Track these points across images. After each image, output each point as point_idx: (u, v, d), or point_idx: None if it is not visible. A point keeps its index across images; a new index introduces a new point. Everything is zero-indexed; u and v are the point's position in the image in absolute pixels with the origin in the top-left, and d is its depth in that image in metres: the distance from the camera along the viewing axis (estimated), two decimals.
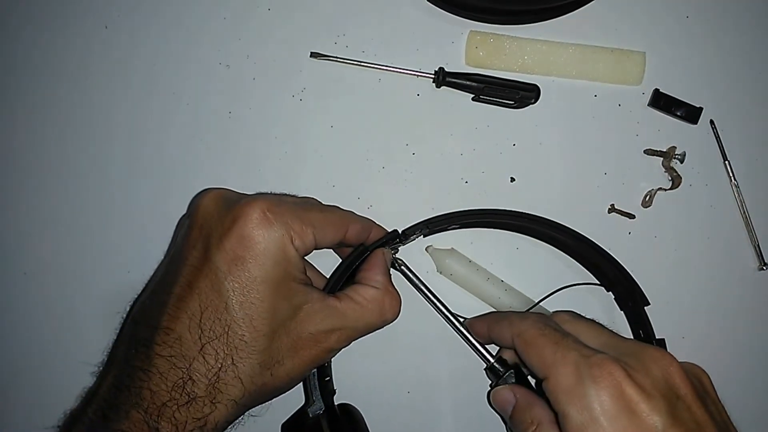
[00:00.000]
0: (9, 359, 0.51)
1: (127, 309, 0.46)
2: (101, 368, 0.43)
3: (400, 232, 0.46)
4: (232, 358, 0.36)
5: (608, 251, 0.47)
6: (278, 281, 0.37)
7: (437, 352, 0.50)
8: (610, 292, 0.49)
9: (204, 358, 0.36)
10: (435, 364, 0.50)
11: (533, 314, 0.42)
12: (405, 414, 0.50)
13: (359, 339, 0.41)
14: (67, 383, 0.46)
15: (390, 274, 0.43)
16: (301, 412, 0.44)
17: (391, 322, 0.42)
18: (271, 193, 0.49)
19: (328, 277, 0.44)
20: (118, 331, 0.47)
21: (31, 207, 0.52)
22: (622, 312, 0.49)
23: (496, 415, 0.49)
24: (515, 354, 0.41)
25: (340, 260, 0.45)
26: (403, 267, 0.46)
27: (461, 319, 0.46)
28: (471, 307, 0.49)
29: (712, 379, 0.39)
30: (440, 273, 0.50)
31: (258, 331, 0.37)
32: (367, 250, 0.44)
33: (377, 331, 0.42)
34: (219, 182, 0.51)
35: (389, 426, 0.48)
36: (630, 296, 0.48)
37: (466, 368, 0.49)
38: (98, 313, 0.50)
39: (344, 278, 0.43)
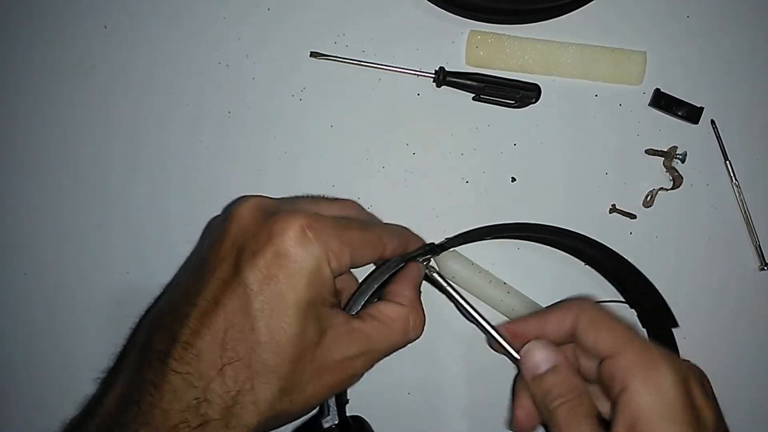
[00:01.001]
0: (9, 359, 0.51)
1: (143, 313, 0.44)
2: (107, 374, 0.42)
3: (435, 244, 0.45)
4: (253, 383, 0.34)
5: (638, 269, 0.47)
6: (309, 304, 0.35)
7: (437, 352, 0.50)
8: (633, 309, 0.49)
9: (223, 379, 0.33)
10: (435, 365, 0.50)
11: (583, 299, 0.41)
12: (405, 415, 0.50)
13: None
14: (68, 383, 0.46)
15: (420, 291, 0.41)
16: (314, 423, 0.42)
17: (414, 341, 0.40)
18: (307, 197, 0.47)
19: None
20: (129, 335, 0.45)
21: (31, 207, 0.52)
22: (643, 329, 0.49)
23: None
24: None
25: None
26: (435, 274, 0.43)
27: (495, 327, 0.42)
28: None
29: (713, 379, 0.39)
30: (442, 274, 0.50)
31: (283, 356, 0.34)
32: (399, 263, 0.42)
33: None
34: (218, 182, 0.51)
35: (390, 427, 0.48)
36: (657, 316, 0.47)
37: (467, 369, 0.49)
38: (98, 314, 0.50)
39: (372, 297, 0.41)
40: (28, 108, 0.52)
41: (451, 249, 0.50)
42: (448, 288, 0.42)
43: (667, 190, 0.51)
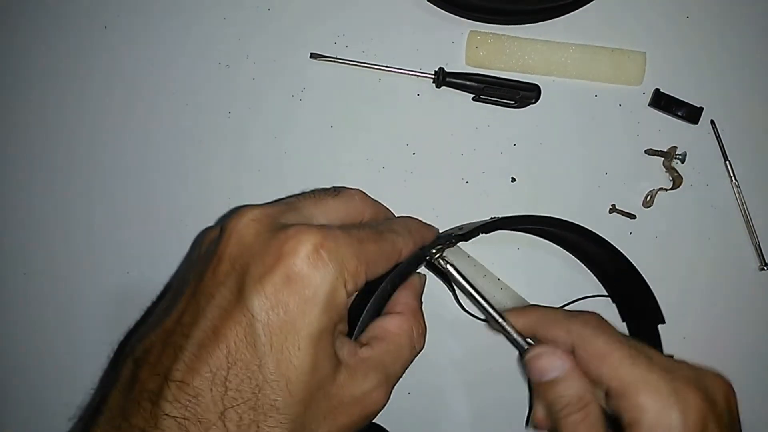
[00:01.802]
0: (9, 359, 0.51)
1: (122, 339, 0.42)
2: (86, 416, 0.38)
3: (451, 235, 0.42)
4: (258, 425, 0.29)
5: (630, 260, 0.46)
6: (322, 334, 0.31)
7: (437, 353, 0.50)
8: (615, 304, 0.49)
9: (224, 423, 0.29)
10: (435, 365, 0.50)
11: (588, 317, 0.38)
12: (405, 416, 0.50)
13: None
14: (68, 384, 0.46)
15: (421, 300, 0.39)
16: None
17: (420, 352, 0.37)
18: (310, 195, 0.38)
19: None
20: (109, 367, 0.42)
21: (31, 207, 0.51)
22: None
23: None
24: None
25: None
26: (448, 266, 0.40)
27: (502, 314, 0.41)
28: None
29: None
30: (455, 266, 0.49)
31: (293, 395, 0.30)
32: (412, 267, 0.38)
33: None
34: (219, 182, 0.51)
35: (390, 428, 0.48)
36: (642, 311, 0.46)
37: (467, 370, 0.49)
38: (98, 314, 0.50)
39: (374, 316, 0.37)
40: (27, 108, 0.52)
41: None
42: (458, 277, 0.40)
43: (666, 190, 0.51)
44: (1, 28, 0.52)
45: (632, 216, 0.51)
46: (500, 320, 0.40)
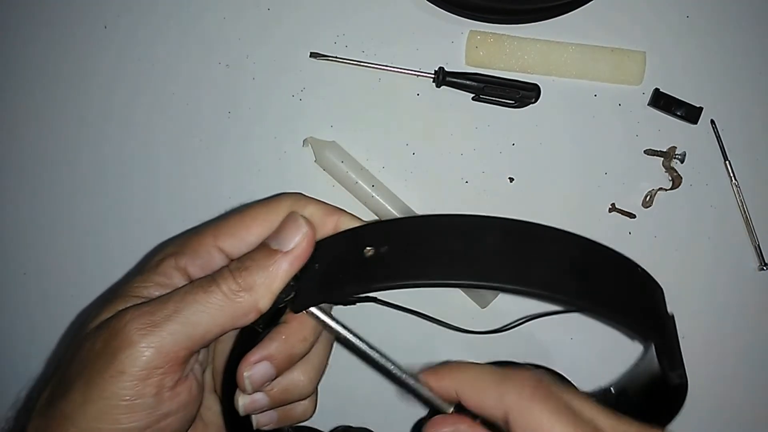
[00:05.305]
0: (9, 359, 0.51)
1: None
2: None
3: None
4: None
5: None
6: None
7: (437, 354, 0.50)
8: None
9: None
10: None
11: (525, 380, 0.30)
12: (404, 417, 0.50)
13: None
14: None
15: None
16: None
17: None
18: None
19: None
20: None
21: (31, 207, 0.52)
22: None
23: None
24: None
25: None
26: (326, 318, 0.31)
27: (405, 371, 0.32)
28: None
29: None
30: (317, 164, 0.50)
31: None
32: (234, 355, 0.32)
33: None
34: (218, 182, 0.51)
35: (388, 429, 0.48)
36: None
37: None
38: None
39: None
40: (27, 108, 0.52)
41: (332, 141, 0.49)
42: (346, 333, 0.31)
43: (666, 190, 0.51)
44: (1, 28, 0.52)
45: (632, 216, 0.51)
46: (412, 383, 0.31)
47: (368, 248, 0.30)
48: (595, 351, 0.51)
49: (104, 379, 0.28)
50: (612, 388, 0.41)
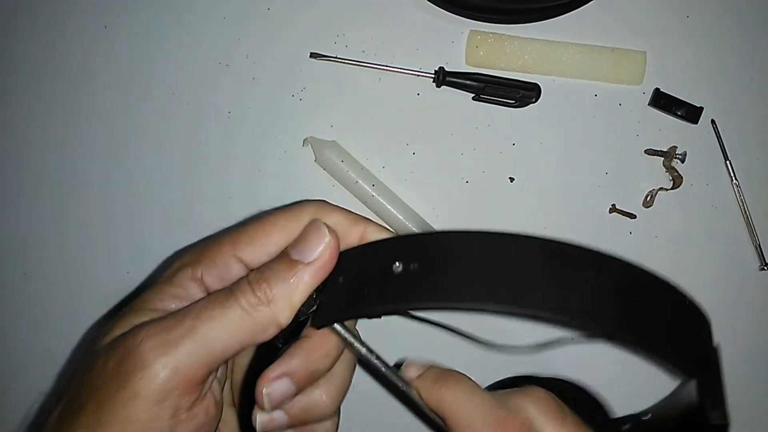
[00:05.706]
0: (9, 359, 0.51)
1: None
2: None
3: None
4: None
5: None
6: None
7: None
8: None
9: None
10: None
11: (531, 399, 0.29)
12: (404, 418, 0.50)
13: None
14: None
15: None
16: None
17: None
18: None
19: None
20: None
21: (31, 207, 0.52)
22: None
23: None
24: None
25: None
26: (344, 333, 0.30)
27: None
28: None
29: None
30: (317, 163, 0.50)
31: None
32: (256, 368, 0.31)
33: None
34: (218, 182, 0.51)
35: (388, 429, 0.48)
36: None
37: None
38: (98, 314, 0.50)
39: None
40: (28, 108, 0.52)
41: (332, 140, 0.49)
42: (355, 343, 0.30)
43: (667, 190, 0.51)
44: (1, 28, 0.52)
45: (632, 216, 0.51)
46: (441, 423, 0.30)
47: (397, 264, 0.27)
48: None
49: (117, 402, 0.27)
50: (650, 414, 0.39)
